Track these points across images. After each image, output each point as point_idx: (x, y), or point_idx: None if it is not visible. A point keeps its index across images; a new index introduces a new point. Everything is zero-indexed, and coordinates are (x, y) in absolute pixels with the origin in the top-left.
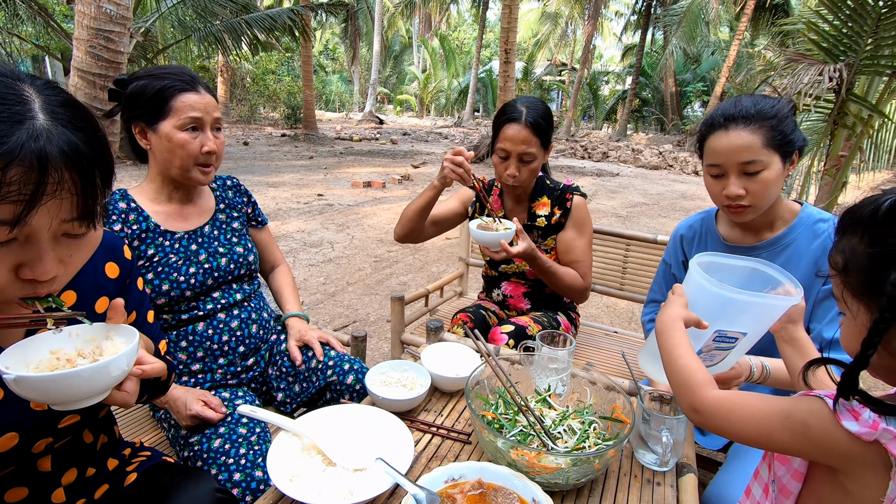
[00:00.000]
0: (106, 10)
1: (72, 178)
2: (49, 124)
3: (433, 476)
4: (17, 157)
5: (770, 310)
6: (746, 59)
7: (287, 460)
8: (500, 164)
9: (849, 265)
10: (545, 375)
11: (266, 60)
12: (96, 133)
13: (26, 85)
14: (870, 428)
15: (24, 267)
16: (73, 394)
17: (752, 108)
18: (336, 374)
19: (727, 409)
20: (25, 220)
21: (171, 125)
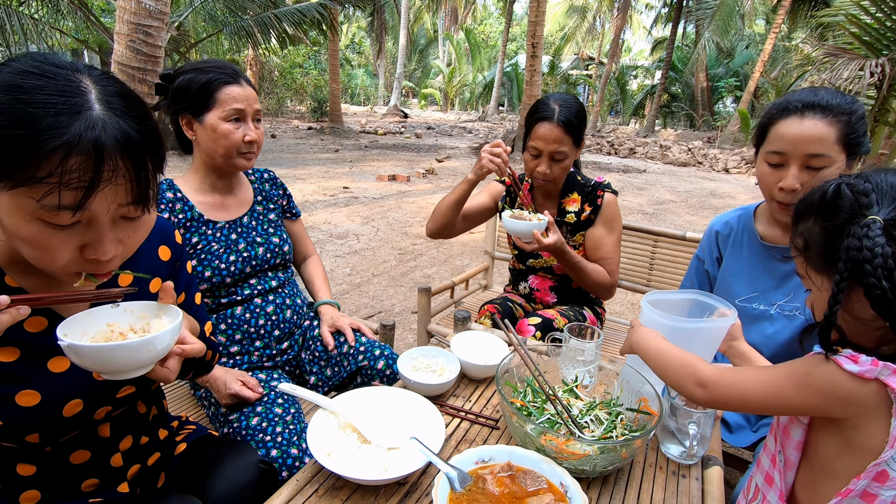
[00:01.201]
0: (145, 6)
1: (125, 165)
2: (104, 114)
3: (464, 457)
4: (76, 147)
5: (713, 332)
6: (783, 54)
7: (324, 437)
8: (531, 160)
9: (808, 244)
10: (572, 367)
11: (294, 54)
12: (148, 121)
13: (84, 76)
14: (871, 365)
15: (87, 247)
16: (119, 364)
17: (833, 100)
18: (367, 359)
19: (731, 377)
20: (86, 204)
21: (216, 116)
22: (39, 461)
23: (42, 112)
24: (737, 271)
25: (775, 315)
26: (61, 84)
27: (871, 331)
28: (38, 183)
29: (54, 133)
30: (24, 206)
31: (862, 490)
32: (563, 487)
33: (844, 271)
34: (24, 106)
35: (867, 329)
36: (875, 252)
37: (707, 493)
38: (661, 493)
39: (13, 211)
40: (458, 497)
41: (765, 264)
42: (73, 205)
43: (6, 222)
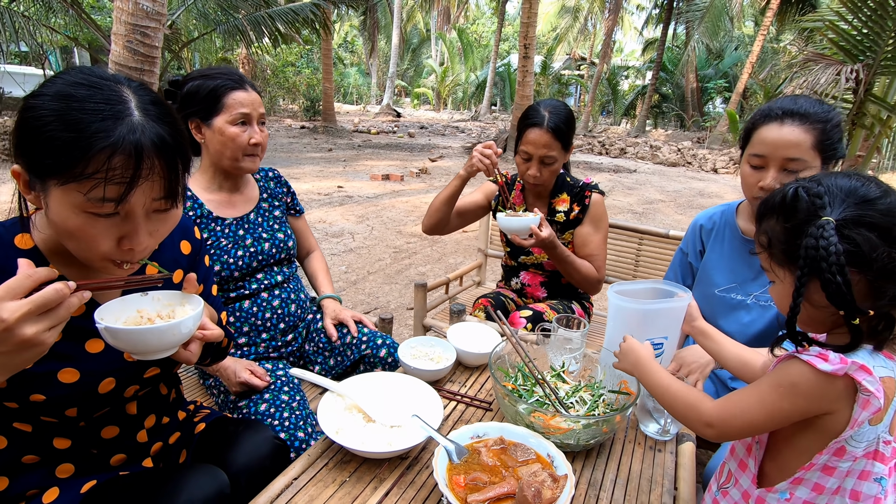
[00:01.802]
0: (143, 7)
1: (160, 164)
2: (143, 119)
3: (460, 433)
4: (120, 147)
5: (674, 311)
6: (771, 55)
7: (333, 417)
8: (522, 164)
9: (771, 242)
10: (560, 354)
11: (286, 53)
12: (178, 126)
13: (124, 87)
14: (840, 363)
15: (124, 238)
16: (149, 346)
17: (810, 108)
18: (370, 347)
19: (734, 411)
20: (127, 198)
21: (223, 120)
22: (74, 435)
23: (91, 117)
24: (717, 263)
25: (751, 305)
26: (107, 93)
27: (826, 317)
28: (86, 178)
29: (102, 135)
30: (72, 200)
31: (823, 464)
32: (549, 458)
33: (804, 267)
34: (76, 112)
35: (824, 316)
36: (830, 251)
37: (680, 465)
38: (638, 465)
39: (62, 204)
40: (456, 467)
41: (744, 257)
42: (116, 198)
43: (55, 215)
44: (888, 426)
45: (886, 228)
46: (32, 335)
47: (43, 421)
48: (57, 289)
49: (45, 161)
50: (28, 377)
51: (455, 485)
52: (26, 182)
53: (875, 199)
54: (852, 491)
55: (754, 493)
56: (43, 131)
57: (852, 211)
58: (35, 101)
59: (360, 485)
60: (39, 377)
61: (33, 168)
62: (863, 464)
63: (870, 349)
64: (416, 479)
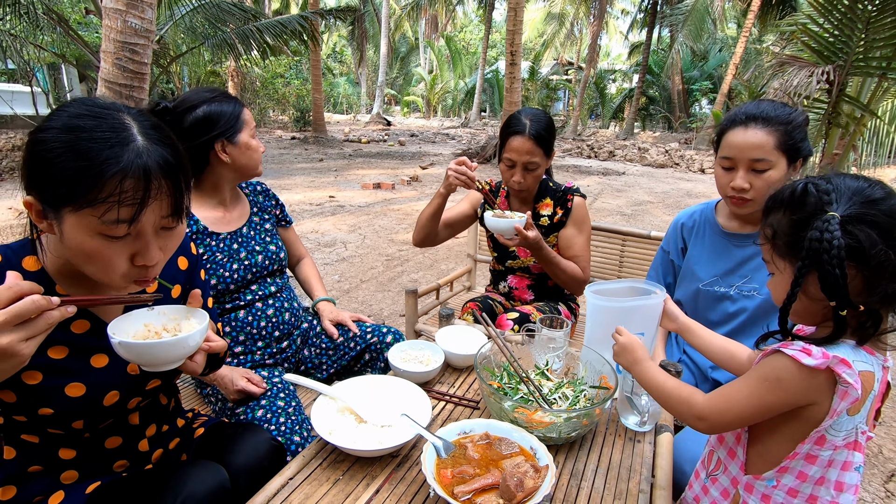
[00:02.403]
0: (131, 25)
1: (167, 183)
2: (146, 143)
3: (448, 429)
4: (130, 171)
5: (648, 309)
6: (755, 56)
7: (326, 418)
8: (506, 171)
9: (776, 234)
10: (544, 353)
11: (275, 65)
12: (178, 147)
13: (125, 114)
14: (823, 358)
15: (137, 256)
16: (160, 358)
17: (772, 112)
18: (376, 335)
19: (723, 405)
20: (138, 218)
21: (246, 135)
22: (79, 446)
23: (100, 146)
24: (700, 258)
25: (735, 295)
26: (111, 122)
27: (818, 309)
28: (100, 203)
29: (112, 162)
30: (87, 224)
31: (806, 453)
32: (532, 450)
33: (807, 258)
34: (85, 142)
35: (816, 308)
36: (833, 244)
37: (658, 454)
38: (618, 455)
39: (78, 229)
40: (444, 462)
41: (724, 251)
42: (128, 219)
43: (70, 240)
44: (865, 417)
45: (887, 228)
46: (6, 344)
47: (50, 433)
48: (34, 300)
49: (59, 191)
50: (37, 392)
51: (443, 478)
52: (39, 212)
53: (879, 200)
54: (836, 482)
55: (743, 479)
56: (55, 163)
57: (857, 209)
58: (44, 134)
59: (353, 482)
60: (48, 391)
61: (46, 198)
62: (844, 454)
63: (853, 344)
64: (406, 475)
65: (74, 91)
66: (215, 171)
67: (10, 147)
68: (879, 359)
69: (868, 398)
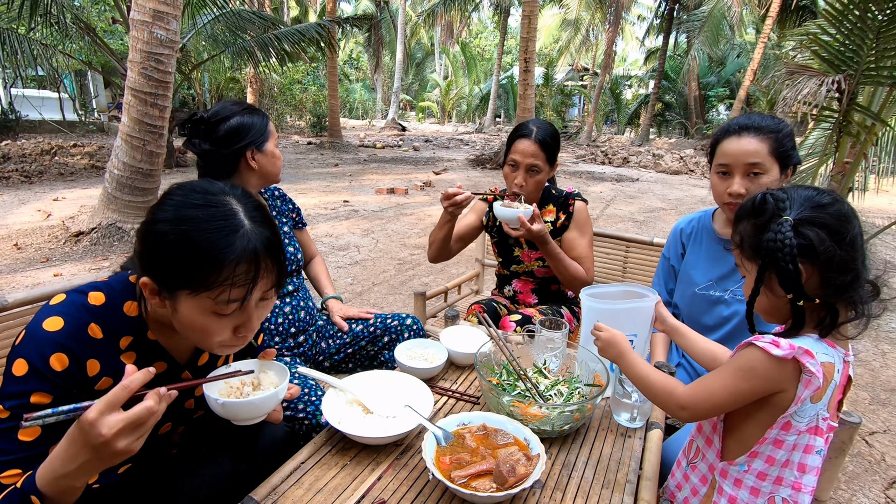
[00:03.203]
0: (157, 36)
1: (272, 262)
2: (252, 226)
3: (447, 421)
4: (243, 257)
5: (641, 311)
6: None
7: (336, 409)
8: (510, 173)
9: (743, 240)
10: (543, 353)
11: (293, 71)
12: (275, 225)
13: (230, 197)
14: (790, 349)
15: (240, 327)
16: (253, 413)
17: (762, 122)
18: (396, 319)
19: (703, 395)
20: (249, 297)
21: (272, 144)
22: None
23: (216, 236)
24: (696, 263)
25: (729, 299)
26: (223, 210)
27: (783, 306)
28: (216, 287)
29: (228, 250)
30: (201, 305)
31: (774, 438)
32: (525, 441)
33: (766, 257)
34: (203, 233)
35: (781, 304)
36: (785, 243)
37: (647, 449)
38: (609, 449)
39: (192, 309)
40: (443, 450)
41: (720, 256)
42: (240, 298)
43: (183, 317)
44: (826, 405)
45: (834, 228)
46: (124, 447)
47: None
48: (148, 407)
49: (177, 278)
50: None
51: (441, 464)
52: (154, 291)
53: (827, 205)
54: (799, 464)
55: (718, 465)
56: (174, 255)
57: (808, 213)
58: (160, 227)
59: (360, 467)
60: None
61: (164, 282)
62: (806, 438)
63: (815, 337)
64: (408, 462)
65: (99, 97)
66: (242, 177)
67: (39, 151)
68: (840, 352)
69: (829, 387)
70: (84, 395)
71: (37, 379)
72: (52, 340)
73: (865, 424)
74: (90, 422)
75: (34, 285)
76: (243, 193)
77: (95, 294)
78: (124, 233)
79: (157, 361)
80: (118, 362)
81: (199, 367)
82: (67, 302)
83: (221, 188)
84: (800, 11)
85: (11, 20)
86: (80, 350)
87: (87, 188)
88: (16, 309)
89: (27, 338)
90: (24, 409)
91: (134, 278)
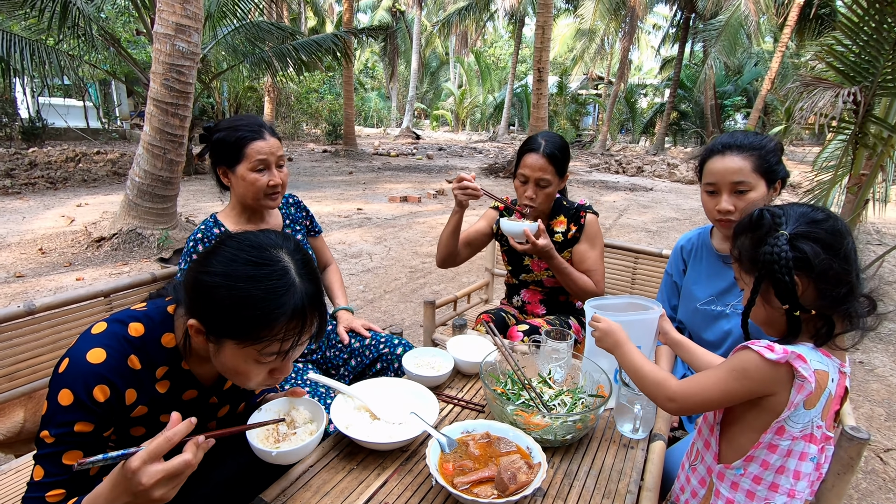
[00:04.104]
0: (179, 48)
1: (315, 317)
2: (301, 283)
3: (452, 428)
4: (294, 315)
5: (645, 323)
6: (791, 71)
7: (344, 415)
8: (520, 187)
9: (741, 253)
10: (548, 363)
11: (309, 80)
12: (319, 278)
13: (283, 252)
14: (783, 353)
15: (275, 371)
16: (304, 454)
17: (745, 140)
18: (387, 346)
19: (693, 389)
20: (293, 350)
21: (244, 168)
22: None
23: (272, 296)
24: (697, 279)
25: (730, 314)
26: (277, 268)
27: (778, 317)
28: (264, 341)
29: (280, 311)
30: (247, 354)
31: (768, 442)
32: (528, 449)
33: (762, 269)
34: (259, 293)
35: (778, 316)
36: (781, 256)
37: (649, 460)
38: (611, 460)
39: (237, 357)
40: (447, 457)
41: (719, 272)
42: (286, 351)
43: (225, 361)
44: (820, 412)
45: (828, 243)
46: (160, 496)
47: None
48: (186, 461)
49: (228, 329)
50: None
51: (445, 470)
52: (201, 332)
53: (821, 220)
54: (795, 471)
55: (716, 468)
56: (227, 309)
57: (803, 228)
58: (215, 279)
59: (366, 471)
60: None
61: (213, 329)
62: (801, 445)
63: (811, 346)
64: (413, 468)
65: (122, 105)
66: (232, 191)
67: (64, 158)
68: (835, 362)
69: (823, 395)
70: (122, 421)
71: (81, 410)
72: (95, 373)
73: (881, 441)
74: (133, 470)
75: (57, 289)
76: (295, 248)
77: (135, 325)
78: (144, 239)
79: (188, 389)
80: (153, 390)
81: (224, 392)
82: (109, 333)
83: (274, 242)
84: (818, 20)
85: (40, 32)
86: (121, 382)
87: (108, 194)
88: (43, 313)
89: (71, 367)
90: (69, 436)
91: (172, 309)
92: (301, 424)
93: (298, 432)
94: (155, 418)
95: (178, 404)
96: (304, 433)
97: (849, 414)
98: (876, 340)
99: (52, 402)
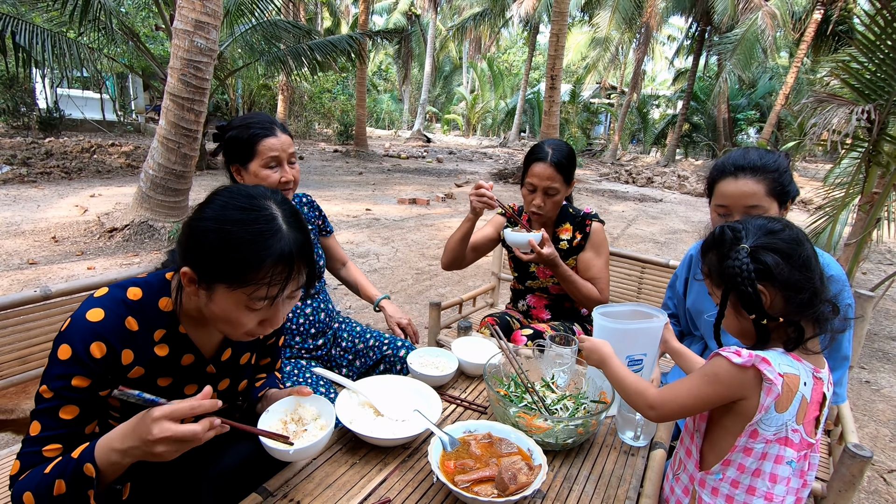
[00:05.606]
0: (197, 44)
1: (303, 265)
2: (288, 230)
3: (454, 427)
4: (281, 259)
5: (650, 331)
6: (806, 87)
7: (348, 410)
8: (527, 195)
9: (710, 270)
10: (551, 368)
11: (323, 80)
12: (308, 231)
13: (270, 201)
14: (749, 357)
15: (265, 321)
16: (317, 450)
17: (759, 161)
18: (391, 348)
19: (670, 396)
20: (280, 295)
21: (257, 165)
22: None
23: (258, 238)
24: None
25: None
26: (265, 213)
27: (749, 326)
28: (253, 285)
29: (268, 252)
30: (236, 299)
31: (743, 446)
32: (529, 451)
33: (727, 282)
34: (246, 234)
35: (748, 325)
36: (743, 268)
37: (649, 467)
38: (612, 466)
39: (227, 302)
40: (448, 455)
41: None
42: (273, 296)
43: (215, 307)
44: (794, 416)
45: (787, 252)
46: (161, 452)
47: None
48: (195, 431)
49: (218, 272)
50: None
51: (446, 468)
52: (192, 280)
53: (779, 231)
54: (770, 474)
55: (697, 475)
56: (217, 251)
57: (762, 240)
58: (205, 224)
59: (368, 466)
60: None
61: (204, 274)
62: (776, 448)
63: (781, 351)
64: (415, 465)
65: (138, 99)
66: None
67: (80, 149)
68: (808, 366)
69: (794, 398)
70: (118, 381)
71: (78, 364)
72: (93, 330)
73: (884, 462)
74: (153, 418)
75: (69, 277)
76: (283, 199)
77: (134, 289)
78: (155, 231)
79: (186, 353)
80: (151, 353)
81: (222, 362)
82: (109, 296)
83: (263, 193)
84: (835, 37)
85: (62, 24)
86: (117, 341)
87: (122, 186)
88: (58, 298)
89: (72, 325)
90: (66, 390)
91: (170, 276)
92: (310, 421)
93: (309, 429)
94: (153, 381)
95: (176, 369)
96: (315, 429)
97: (852, 432)
98: (883, 360)
99: (52, 357)
